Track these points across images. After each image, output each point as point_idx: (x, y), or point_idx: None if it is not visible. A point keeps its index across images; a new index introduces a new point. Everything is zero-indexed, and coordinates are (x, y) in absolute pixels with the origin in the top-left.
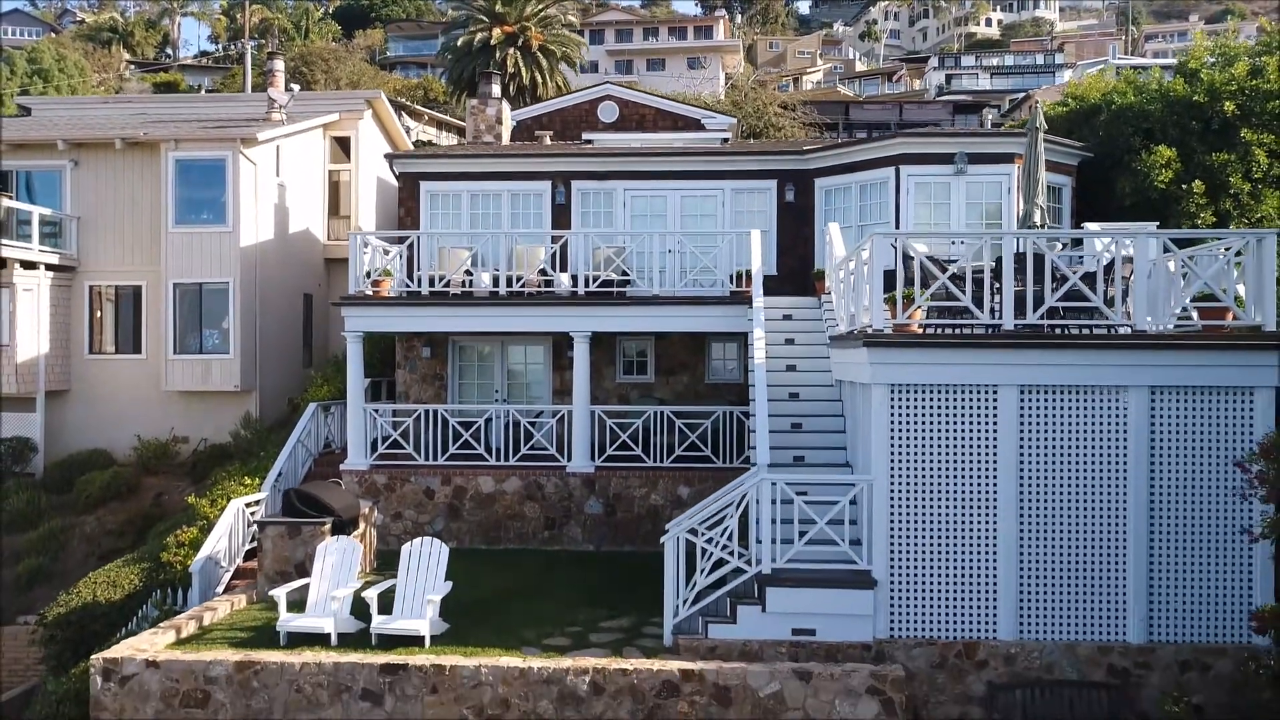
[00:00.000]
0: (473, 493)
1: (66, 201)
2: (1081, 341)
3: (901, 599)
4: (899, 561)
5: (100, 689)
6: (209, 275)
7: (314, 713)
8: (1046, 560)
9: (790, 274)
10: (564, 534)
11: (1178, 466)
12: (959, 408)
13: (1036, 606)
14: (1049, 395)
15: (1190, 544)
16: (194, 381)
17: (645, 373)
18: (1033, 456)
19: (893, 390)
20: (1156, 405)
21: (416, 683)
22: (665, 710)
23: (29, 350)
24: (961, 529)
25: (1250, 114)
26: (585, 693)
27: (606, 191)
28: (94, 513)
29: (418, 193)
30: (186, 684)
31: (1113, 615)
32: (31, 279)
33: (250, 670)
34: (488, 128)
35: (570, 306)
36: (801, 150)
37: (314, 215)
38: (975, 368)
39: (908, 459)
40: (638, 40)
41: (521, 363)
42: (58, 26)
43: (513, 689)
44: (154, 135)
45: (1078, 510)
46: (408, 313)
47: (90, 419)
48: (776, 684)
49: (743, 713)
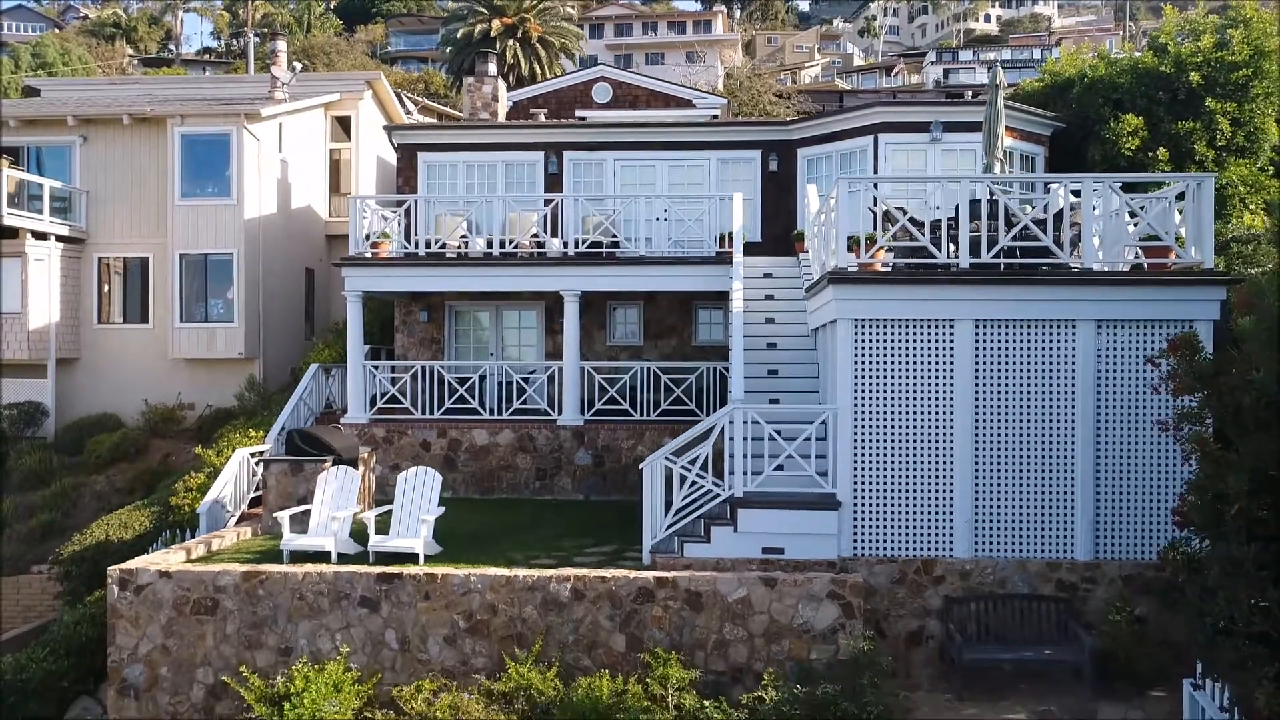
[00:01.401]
0: (467, 445)
1: (76, 176)
2: (1032, 277)
3: (864, 520)
4: (862, 485)
5: (117, 598)
6: (214, 247)
7: (315, 619)
8: (1000, 484)
9: (774, 240)
10: (555, 484)
11: (1122, 397)
12: (918, 341)
13: (991, 527)
14: (1003, 329)
15: (1133, 469)
16: (199, 349)
17: (634, 337)
18: (988, 387)
19: (856, 325)
20: (1103, 338)
21: (411, 590)
22: (641, 614)
23: (40, 319)
24: (921, 454)
25: (1215, 84)
26: (567, 599)
27: (597, 162)
28: (104, 472)
29: (416, 164)
30: (197, 593)
31: (1062, 534)
32: (43, 250)
33: (256, 580)
34: (484, 105)
35: (561, 266)
36: (785, 121)
37: (316, 192)
38: (933, 303)
39: (870, 389)
40: (636, 34)
41: (515, 327)
42: (61, 22)
43: (500, 596)
44: (160, 111)
45: (1030, 437)
46: (405, 273)
47: (99, 386)
48: (744, 590)
49: (712, 617)
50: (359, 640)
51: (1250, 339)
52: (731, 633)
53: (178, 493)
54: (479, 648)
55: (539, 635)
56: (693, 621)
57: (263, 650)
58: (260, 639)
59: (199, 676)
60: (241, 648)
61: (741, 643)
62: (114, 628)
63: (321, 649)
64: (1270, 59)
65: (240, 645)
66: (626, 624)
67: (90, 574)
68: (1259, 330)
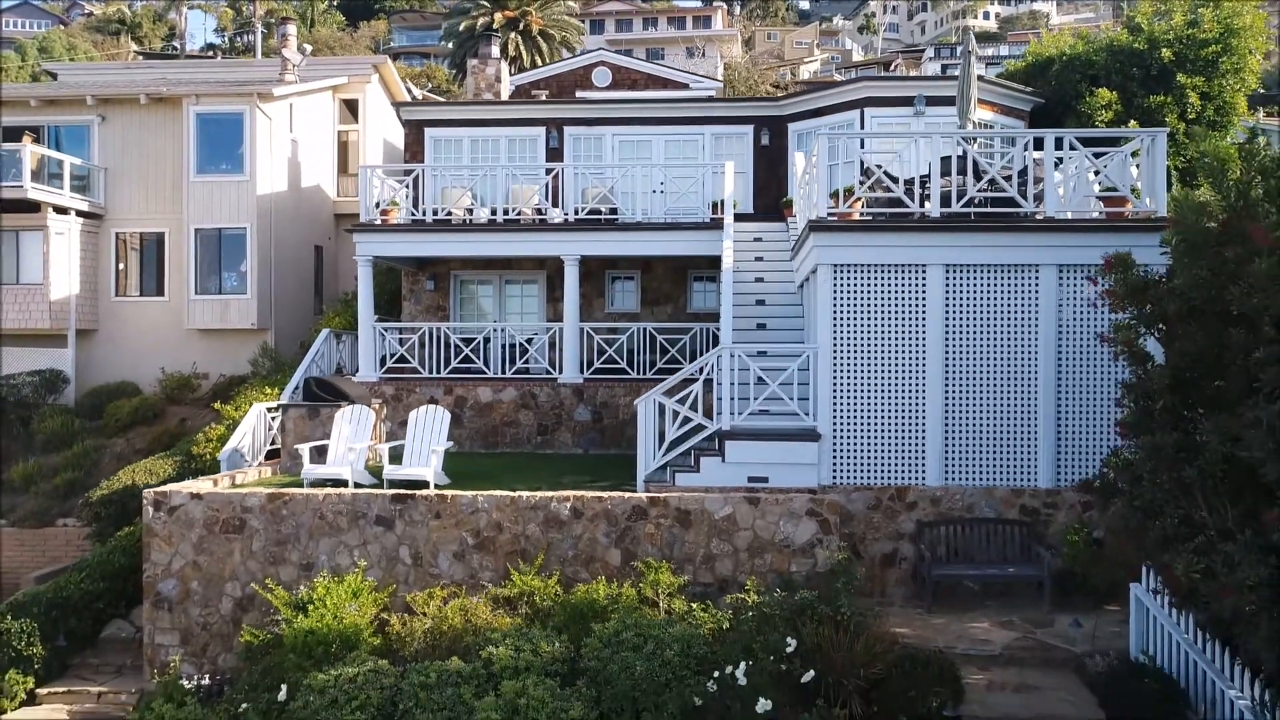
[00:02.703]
0: (472, 402)
1: (94, 154)
2: (997, 225)
3: (842, 450)
4: (840, 418)
5: (151, 518)
6: (228, 221)
7: (334, 536)
8: (968, 417)
9: (765, 210)
10: (555, 439)
11: (1081, 335)
12: (893, 285)
13: (960, 456)
14: (971, 273)
15: (1090, 403)
16: (213, 320)
17: (632, 305)
18: (957, 327)
19: (835, 270)
20: (1064, 282)
21: (423, 510)
22: (634, 531)
23: (61, 290)
24: (895, 390)
25: (1185, 60)
26: (567, 517)
27: (596, 137)
28: (123, 435)
29: (422, 139)
30: (225, 512)
31: (1025, 464)
32: (63, 224)
33: (280, 501)
34: (487, 86)
35: (562, 232)
36: (776, 97)
37: (325, 172)
38: (906, 249)
39: (848, 330)
40: (637, 30)
41: (518, 296)
42: (66, 19)
43: (505, 514)
44: (176, 91)
45: (996, 374)
46: (413, 239)
47: (116, 356)
48: (730, 508)
49: (700, 533)
50: (375, 556)
51: (1173, 251)
52: (718, 547)
53: (199, 443)
54: (486, 562)
55: (541, 550)
56: (682, 537)
57: (286, 565)
58: (284, 555)
59: (227, 590)
60: (266, 563)
61: (727, 557)
62: (149, 546)
63: (340, 564)
64: (1239, 36)
65: (265, 561)
66: (621, 540)
67: (118, 515)
68: (1179, 243)
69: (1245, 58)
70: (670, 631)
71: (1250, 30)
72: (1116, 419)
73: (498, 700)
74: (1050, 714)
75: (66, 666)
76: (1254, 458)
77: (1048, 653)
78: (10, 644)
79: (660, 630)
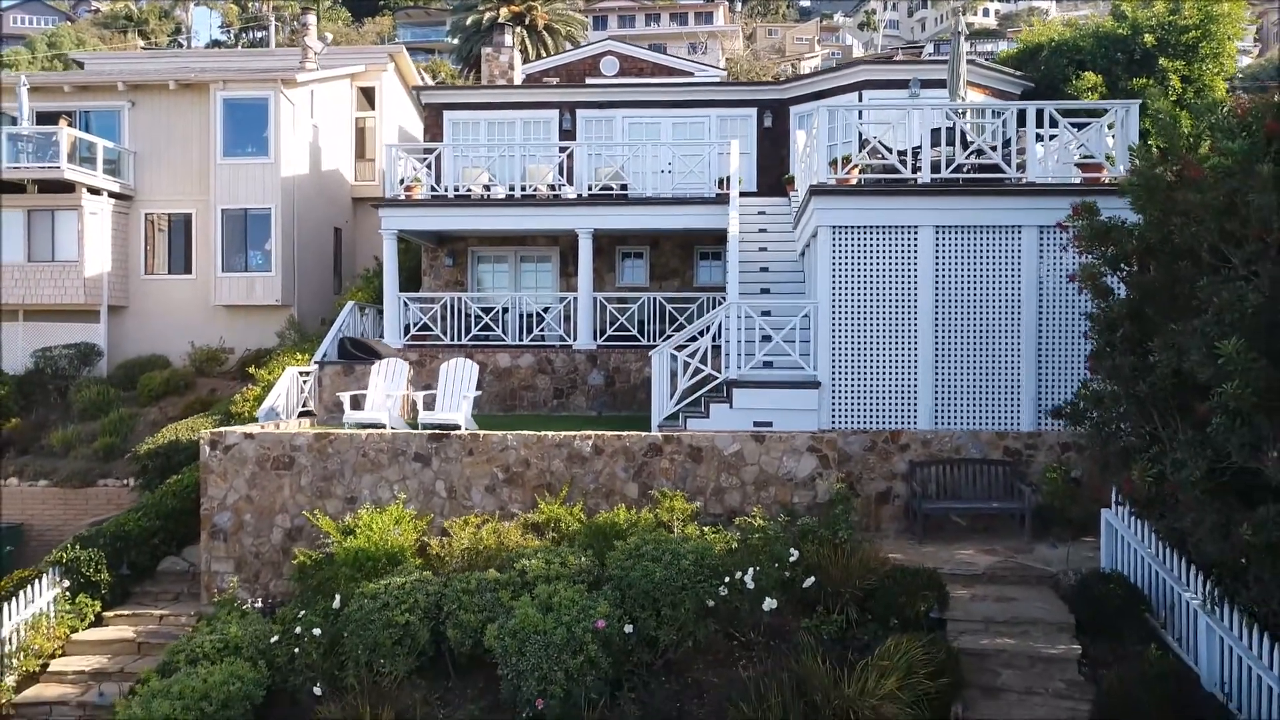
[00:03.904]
0: (491, 367)
1: (124, 138)
2: (983, 189)
3: (841, 398)
4: (838, 368)
5: (208, 456)
6: (253, 202)
7: (376, 472)
8: (957, 367)
9: (769, 188)
10: (570, 402)
11: (1060, 291)
12: (887, 245)
13: (949, 403)
14: (959, 234)
15: (1069, 352)
16: (239, 296)
17: (641, 279)
18: (946, 284)
19: (834, 231)
20: (1044, 241)
21: (457, 448)
22: (650, 466)
23: (95, 268)
24: (889, 342)
25: (1167, 45)
26: (589, 453)
27: (607, 120)
28: (155, 404)
29: (441, 121)
30: (276, 451)
31: (1009, 409)
32: (96, 204)
33: (326, 440)
34: (500, 73)
35: (576, 207)
36: (778, 81)
37: (343, 157)
38: (899, 212)
39: (846, 287)
40: (640, 25)
41: (533, 271)
42: (73, 15)
43: (532, 451)
44: (204, 77)
45: (982, 326)
46: (435, 213)
47: (146, 332)
48: (738, 445)
49: (710, 468)
50: (413, 490)
51: (1131, 191)
52: (727, 481)
53: (236, 403)
54: (514, 495)
55: (565, 484)
56: (694, 472)
57: (331, 499)
58: (329, 489)
59: (277, 522)
60: (314, 497)
61: (735, 489)
62: (205, 482)
63: (382, 498)
64: (1218, 22)
65: (312, 495)
66: (639, 474)
67: (163, 467)
68: (1135, 188)
69: (1224, 43)
70: (685, 546)
71: (1229, 17)
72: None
73: (533, 600)
74: (1025, 617)
75: (129, 594)
76: (1194, 364)
77: (1026, 572)
78: (80, 570)
79: (676, 545)
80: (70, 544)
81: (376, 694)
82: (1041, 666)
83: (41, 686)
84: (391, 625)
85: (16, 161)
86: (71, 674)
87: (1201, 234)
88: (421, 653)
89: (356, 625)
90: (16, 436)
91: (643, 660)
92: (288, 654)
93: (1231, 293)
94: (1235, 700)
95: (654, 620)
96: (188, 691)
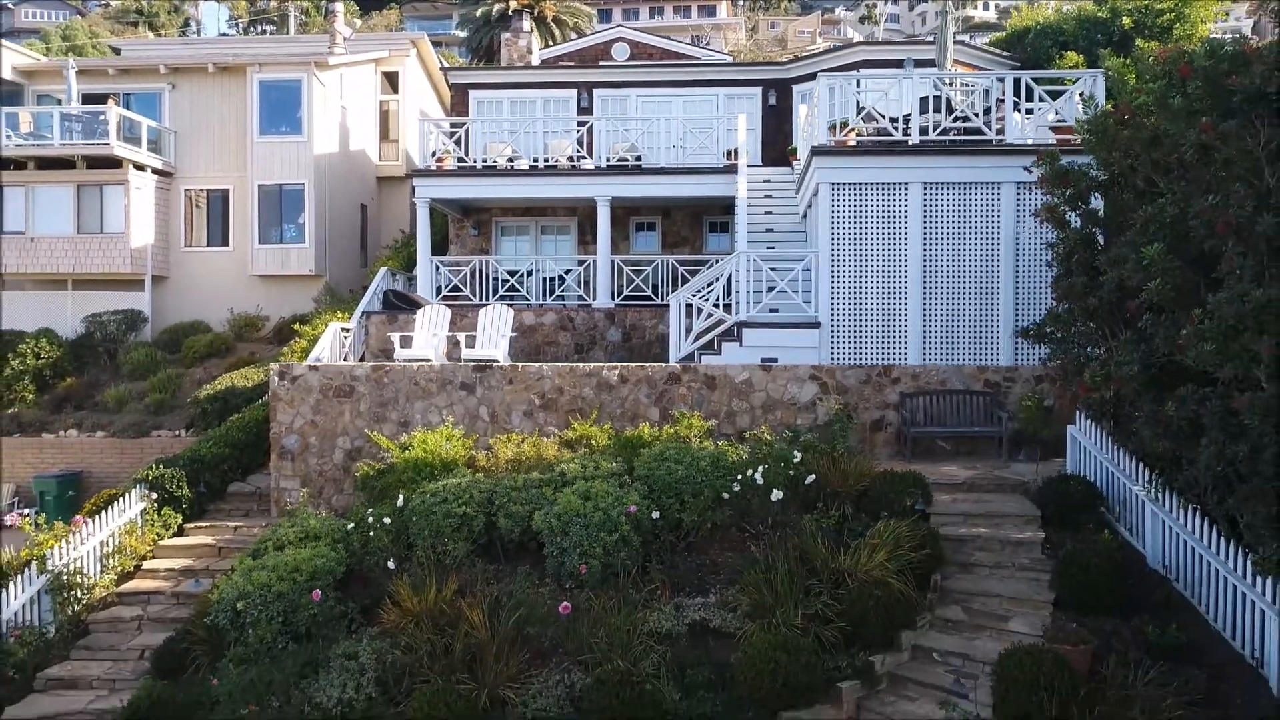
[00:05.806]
0: (517, 324)
1: (165, 118)
2: (967, 149)
3: (839, 337)
4: (837, 310)
5: (277, 385)
6: (287, 178)
7: (426, 399)
8: (943, 308)
9: (773, 162)
10: (590, 357)
11: (1035, 241)
12: (880, 200)
13: (935, 340)
14: (945, 190)
15: (1043, 295)
16: (275, 266)
17: (653, 248)
18: (934, 234)
19: (833, 187)
20: (1020, 196)
21: (498, 377)
22: (670, 393)
23: (140, 239)
24: (882, 287)
25: (1144, 26)
26: (615, 382)
27: (622, 98)
28: (200, 365)
29: (467, 100)
30: (337, 381)
31: (989, 345)
32: (141, 180)
33: (382, 371)
34: (519, 57)
35: (595, 176)
36: (781, 62)
37: (369, 138)
38: (891, 169)
39: (844, 237)
40: (644, 18)
41: (552, 240)
42: (83, 9)
43: (565, 380)
44: (241, 61)
45: (965, 272)
46: (463, 182)
47: (186, 300)
48: (747, 374)
49: (723, 394)
50: (459, 414)
51: (1081, 133)
52: (737, 405)
53: (284, 355)
54: (549, 419)
55: (595, 408)
56: (709, 397)
57: (387, 423)
58: (385, 414)
59: (339, 444)
60: (371, 421)
61: (745, 413)
62: (274, 409)
63: (432, 421)
64: (1191, 5)
65: (370, 419)
66: (659, 400)
67: (220, 410)
68: (1086, 129)
69: (1197, 25)
70: (703, 451)
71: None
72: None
73: (572, 492)
74: (997, 512)
75: (204, 510)
76: (1127, 271)
77: (1002, 482)
78: (164, 487)
79: (695, 451)
80: (154, 464)
81: (440, 569)
82: (1010, 549)
83: (138, 580)
84: (451, 515)
85: (67, 139)
86: (163, 571)
87: (1137, 166)
88: (476, 539)
89: (421, 516)
90: (72, 394)
91: (668, 541)
92: (361, 539)
93: (1155, 208)
94: (1174, 572)
95: (677, 506)
96: (280, 565)
